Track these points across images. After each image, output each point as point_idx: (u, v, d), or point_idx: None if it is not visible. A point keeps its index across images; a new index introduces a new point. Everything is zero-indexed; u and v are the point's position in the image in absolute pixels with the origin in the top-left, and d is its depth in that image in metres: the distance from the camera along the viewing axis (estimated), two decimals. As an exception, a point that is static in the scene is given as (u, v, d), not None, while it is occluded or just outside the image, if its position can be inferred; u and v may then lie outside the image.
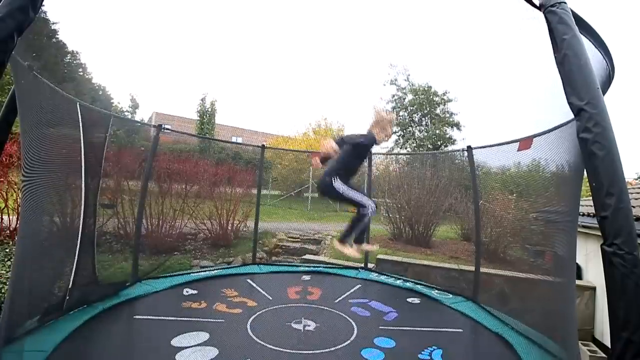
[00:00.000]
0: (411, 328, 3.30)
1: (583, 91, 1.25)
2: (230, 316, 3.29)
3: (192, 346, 2.63)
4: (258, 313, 3.41)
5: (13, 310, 2.29)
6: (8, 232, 4.92)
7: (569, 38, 1.31)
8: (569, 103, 1.28)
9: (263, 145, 5.86)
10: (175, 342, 2.69)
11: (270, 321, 3.23)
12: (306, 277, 4.72)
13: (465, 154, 4.66)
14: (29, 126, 2.44)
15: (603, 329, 4.25)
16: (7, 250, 4.32)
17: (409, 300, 4.12)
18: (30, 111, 2.44)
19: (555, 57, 1.35)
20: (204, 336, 2.80)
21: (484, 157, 4.66)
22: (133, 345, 2.77)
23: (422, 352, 2.77)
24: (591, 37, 1.68)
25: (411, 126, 18.93)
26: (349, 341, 2.90)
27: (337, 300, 3.94)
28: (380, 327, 3.22)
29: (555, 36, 1.34)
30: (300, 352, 2.68)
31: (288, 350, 2.68)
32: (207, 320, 3.14)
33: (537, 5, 1.43)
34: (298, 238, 8.26)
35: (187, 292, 3.90)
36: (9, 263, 3.96)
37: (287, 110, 47.36)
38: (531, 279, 3.59)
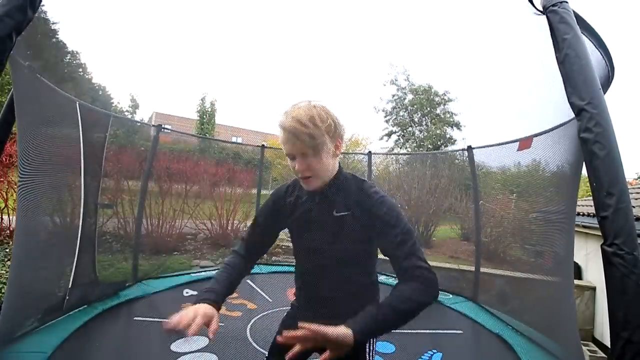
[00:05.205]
0: (411, 331, 3.26)
1: (584, 91, 1.24)
2: (230, 320, 3.29)
3: (191, 352, 2.64)
4: (258, 317, 3.40)
5: (12, 310, 2.28)
6: (8, 232, 4.92)
7: (570, 38, 1.30)
8: (570, 103, 1.27)
9: (263, 145, 5.86)
10: (175, 347, 2.69)
11: (269, 327, 3.20)
12: None
13: (466, 154, 4.66)
14: (25, 126, 2.42)
15: (603, 329, 4.25)
16: (7, 250, 4.33)
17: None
18: (28, 111, 2.43)
19: (556, 56, 1.34)
20: (203, 341, 2.78)
21: (484, 157, 4.66)
22: (132, 350, 2.75)
23: (422, 357, 2.78)
24: (591, 36, 1.68)
25: (411, 126, 18.94)
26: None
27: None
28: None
29: (556, 36, 1.34)
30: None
31: None
32: (206, 322, 3.12)
33: (538, 4, 1.43)
34: (298, 238, 8.24)
35: (187, 292, 3.90)
36: (9, 263, 3.96)
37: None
38: (531, 279, 3.59)
